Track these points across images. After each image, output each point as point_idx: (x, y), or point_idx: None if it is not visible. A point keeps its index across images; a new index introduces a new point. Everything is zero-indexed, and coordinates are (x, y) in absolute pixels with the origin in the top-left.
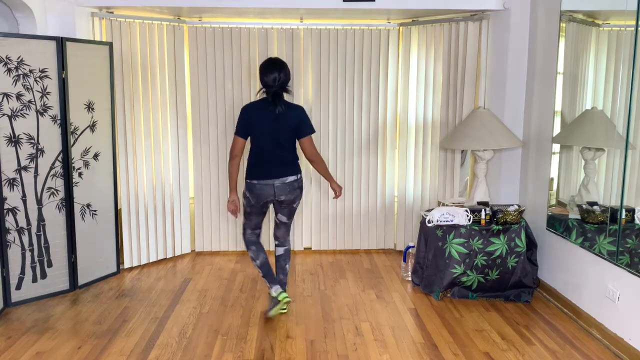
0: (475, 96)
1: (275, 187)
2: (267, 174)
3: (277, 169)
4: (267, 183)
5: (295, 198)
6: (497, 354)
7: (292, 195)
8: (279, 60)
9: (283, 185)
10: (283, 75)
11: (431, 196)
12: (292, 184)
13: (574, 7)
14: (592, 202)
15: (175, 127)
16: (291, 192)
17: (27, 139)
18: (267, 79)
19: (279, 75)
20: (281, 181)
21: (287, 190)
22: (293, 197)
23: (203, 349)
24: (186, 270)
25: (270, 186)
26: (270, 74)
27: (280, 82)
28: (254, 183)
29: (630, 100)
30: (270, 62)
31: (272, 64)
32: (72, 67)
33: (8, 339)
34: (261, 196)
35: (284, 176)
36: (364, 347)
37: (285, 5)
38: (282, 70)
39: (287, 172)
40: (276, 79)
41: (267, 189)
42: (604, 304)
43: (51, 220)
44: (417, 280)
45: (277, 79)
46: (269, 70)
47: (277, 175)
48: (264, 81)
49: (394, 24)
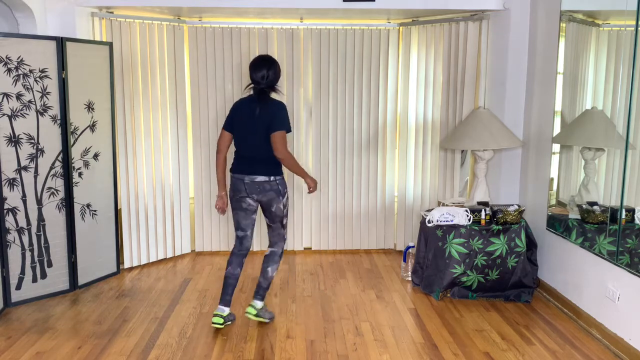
0: (475, 96)
1: (245, 184)
2: (240, 169)
3: (250, 166)
4: (239, 177)
5: (271, 201)
6: (497, 354)
7: (265, 197)
8: (269, 57)
9: (252, 183)
10: (272, 73)
11: (431, 196)
12: (262, 185)
13: (574, 7)
14: (592, 202)
15: (175, 127)
16: (262, 193)
17: (27, 139)
18: (255, 75)
19: (267, 72)
20: (250, 179)
21: (257, 190)
22: (267, 200)
23: (203, 349)
24: (186, 270)
25: (241, 181)
26: (258, 71)
27: (268, 80)
28: (231, 175)
29: (630, 100)
30: (260, 59)
31: (262, 61)
32: (72, 67)
33: (8, 339)
34: (235, 190)
35: (254, 174)
36: (364, 347)
37: (285, 5)
38: (270, 68)
39: (258, 171)
40: (264, 77)
41: (238, 184)
42: (604, 304)
43: (51, 220)
44: (417, 280)
45: (265, 76)
46: (257, 67)
47: (248, 172)
48: (252, 77)
49: (394, 24)
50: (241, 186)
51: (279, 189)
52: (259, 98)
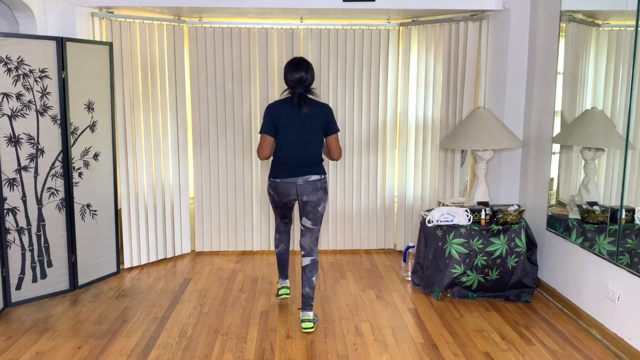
0: (475, 96)
1: (297, 186)
2: (290, 172)
3: (301, 168)
4: (290, 182)
5: (320, 200)
6: (497, 354)
7: (316, 197)
8: (305, 60)
9: (306, 184)
10: (309, 76)
11: (431, 196)
12: (314, 184)
13: (574, 7)
14: (592, 202)
15: (175, 127)
16: (314, 192)
17: (27, 139)
18: (292, 78)
19: (306, 75)
20: (304, 179)
21: (309, 190)
22: (317, 199)
23: (203, 349)
24: (186, 270)
25: (293, 185)
26: (296, 73)
27: (306, 83)
28: (277, 182)
29: (630, 100)
30: (297, 61)
31: (299, 63)
32: (72, 67)
33: (8, 339)
34: (284, 195)
35: (308, 174)
36: (364, 347)
37: (285, 5)
38: (308, 71)
39: (311, 171)
40: (302, 79)
41: (289, 188)
42: (604, 304)
43: (51, 220)
44: (417, 280)
45: (304, 79)
46: (295, 70)
47: (300, 173)
48: (289, 80)
49: (394, 24)
50: (292, 189)
51: (326, 188)
52: (300, 103)
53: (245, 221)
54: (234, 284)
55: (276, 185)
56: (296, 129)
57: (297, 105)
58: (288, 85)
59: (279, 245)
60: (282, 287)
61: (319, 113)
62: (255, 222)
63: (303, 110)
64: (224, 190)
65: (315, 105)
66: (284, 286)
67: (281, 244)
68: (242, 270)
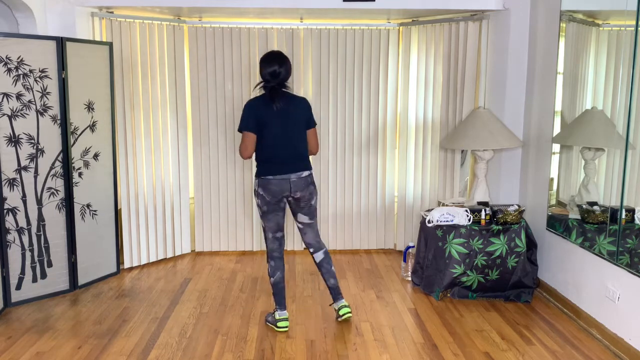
0: (475, 96)
1: (291, 182)
2: (283, 169)
3: (293, 164)
4: (283, 178)
5: (312, 194)
6: (497, 354)
7: (308, 191)
8: (280, 53)
9: (299, 180)
10: (284, 70)
11: (431, 196)
12: (306, 179)
13: (574, 7)
14: (592, 202)
15: (175, 127)
16: (306, 188)
17: (27, 139)
18: (266, 72)
19: (279, 69)
20: (297, 176)
21: (302, 186)
22: (309, 193)
23: (203, 349)
24: (186, 270)
25: (287, 181)
26: (269, 67)
27: (280, 77)
28: (269, 179)
29: (630, 100)
30: (271, 55)
31: (274, 57)
32: (72, 67)
33: (8, 339)
34: (277, 192)
35: (299, 171)
36: (364, 347)
37: (285, 5)
38: (282, 64)
39: (303, 167)
40: (275, 73)
41: (283, 184)
42: (604, 304)
43: (51, 220)
44: (417, 280)
45: (277, 73)
46: (269, 63)
47: (293, 170)
48: (263, 74)
49: (394, 24)
50: (286, 186)
51: (314, 182)
52: (272, 97)
53: (245, 221)
54: (233, 284)
55: (268, 182)
56: (281, 124)
57: (269, 99)
58: (263, 79)
59: (275, 274)
60: (281, 318)
61: (302, 107)
62: (255, 222)
63: (275, 106)
64: (224, 190)
65: (295, 100)
66: (283, 318)
67: (277, 272)
68: (242, 270)
